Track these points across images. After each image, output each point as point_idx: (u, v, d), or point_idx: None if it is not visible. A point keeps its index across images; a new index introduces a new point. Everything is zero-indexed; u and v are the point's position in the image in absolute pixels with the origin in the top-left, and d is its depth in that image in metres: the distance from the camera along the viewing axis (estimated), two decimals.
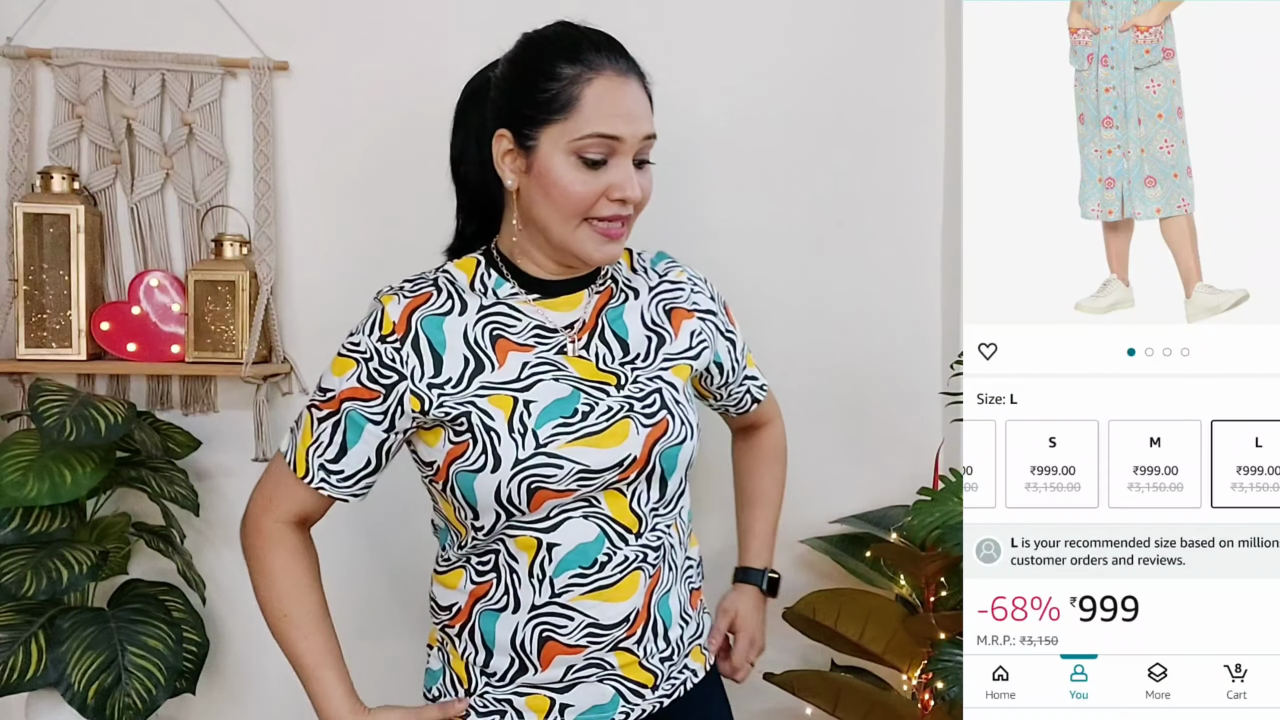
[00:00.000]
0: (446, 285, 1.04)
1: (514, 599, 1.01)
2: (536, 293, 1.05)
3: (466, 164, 1.09)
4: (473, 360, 1.00)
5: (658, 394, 1.03)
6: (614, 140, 0.96)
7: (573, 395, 1.00)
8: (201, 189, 1.60)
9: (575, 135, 0.95)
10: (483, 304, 1.03)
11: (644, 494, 1.03)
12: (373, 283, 1.66)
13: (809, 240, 1.72)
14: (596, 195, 0.97)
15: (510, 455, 0.96)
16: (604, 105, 0.95)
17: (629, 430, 1.00)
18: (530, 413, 0.98)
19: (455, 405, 0.98)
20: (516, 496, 0.97)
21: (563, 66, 0.97)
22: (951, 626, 1.39)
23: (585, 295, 1.07)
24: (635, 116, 0.97)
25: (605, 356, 1.04)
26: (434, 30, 1.64)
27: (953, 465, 1.58)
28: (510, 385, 0.99)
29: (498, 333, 1.02)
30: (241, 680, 1.69)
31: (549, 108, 0.96)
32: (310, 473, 1.02)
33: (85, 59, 1.55)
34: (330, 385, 1.02)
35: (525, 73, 1.00)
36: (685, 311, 1.11)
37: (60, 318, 1.54)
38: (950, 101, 1.69)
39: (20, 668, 1.40)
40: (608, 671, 1.03)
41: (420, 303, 1.02)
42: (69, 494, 1.40)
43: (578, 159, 0.96)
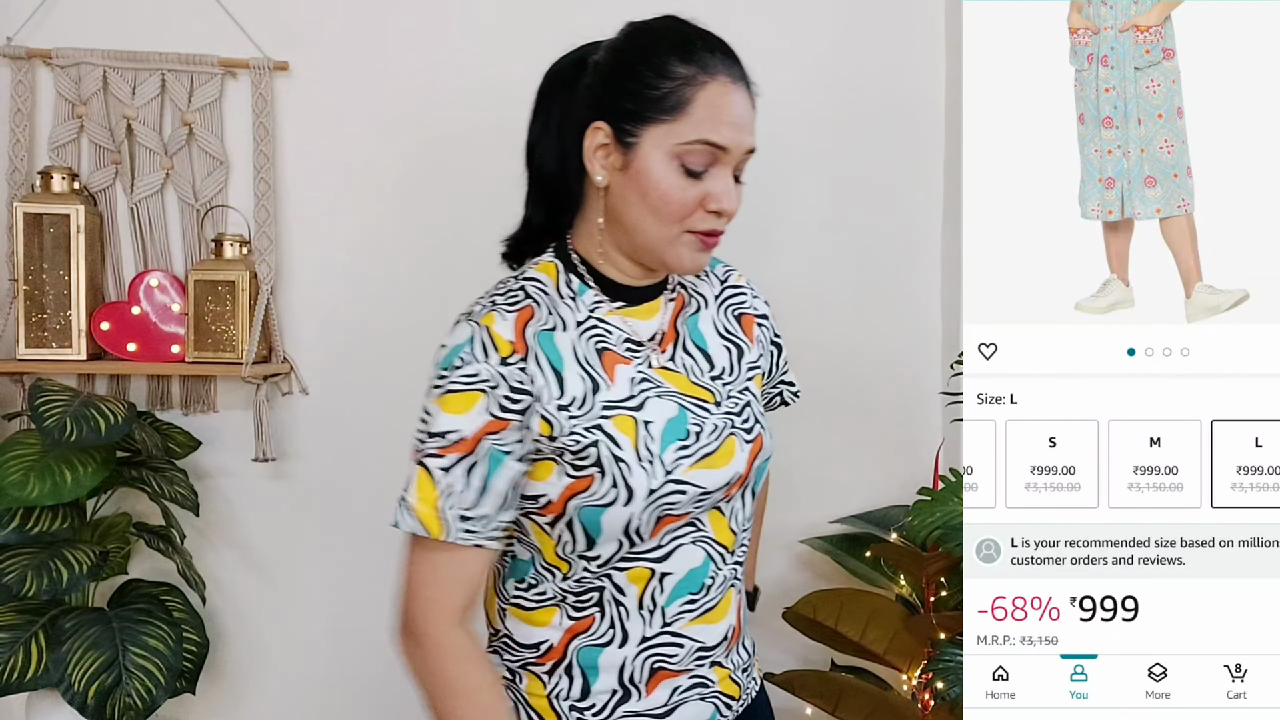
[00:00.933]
0: (540, 295, 0.95)
1: (622, 632, 0.95)
2: (620, 300, 0.98)
3: (543, 152, 1.01)
4: (588, 378, 0.92)
5: (749, 408, 1.00)
6: (719, 149, 0.91)
7: (681, 414, 0.95)
8: (201, 189, 1.60)
9: (681, 139, 0.90)
10: (578, 317, 0.95)
11: (739, 511, 1.00)
12: (373, 283, 1.68)
13: (809, 240, 1.72)
14: (694, 204, 0.92)
15: (643, 487, 0.90)
16: (714, 112, 0.90)
17: (735, 448, 0.96)
18: (653, 436, 0.92)
19: (584, 432, 0.90)
20: (644, 527, 0.92)
21: (676, 65, 0.90)
22: (951, 626, 1.39)
23: (662, 303, 1.01)
24: (742, 127, 0.93)
25: (693, 369, 0.99)
26: (434, 30, 1.64)
27: (953, 465, 1.58)
28: (627, 405, 0.93)
29: (601, 345, 0.95)
30: (241, 680, 1.69)
31: (658, 106, 0.90)
32: (450, 528, 0.88)
33: (86, 59, 1.55)
34: (450, 426, 0.88)
35: (634, 66, 0.92)
36: (752, 318, 1.08)
37: (60, 318, 1.54)
38: (950, 101, 1.69)
39: (21, 668, 1.40)
40: (709, 689, 1.01)
41: (528, 317, 0.92)
42: (70, 494, 1.40)
43: (679, 164, 0.90)
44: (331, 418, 1.67)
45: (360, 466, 1.67)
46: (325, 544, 1.69)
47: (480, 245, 1.69)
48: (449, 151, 1.67)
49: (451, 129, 1.66)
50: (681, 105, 0.90)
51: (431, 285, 1.66)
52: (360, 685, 1.71)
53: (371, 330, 1.67)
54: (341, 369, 1.67)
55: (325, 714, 1.71)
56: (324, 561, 1.69)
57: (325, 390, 1.67)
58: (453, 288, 1.66)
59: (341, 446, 1.67)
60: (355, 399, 1.67)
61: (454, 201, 1.67)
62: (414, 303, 1.66)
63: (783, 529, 1.56)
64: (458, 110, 1.66)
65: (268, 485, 1.67)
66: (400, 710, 1.71)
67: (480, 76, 1.65)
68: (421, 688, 0.92)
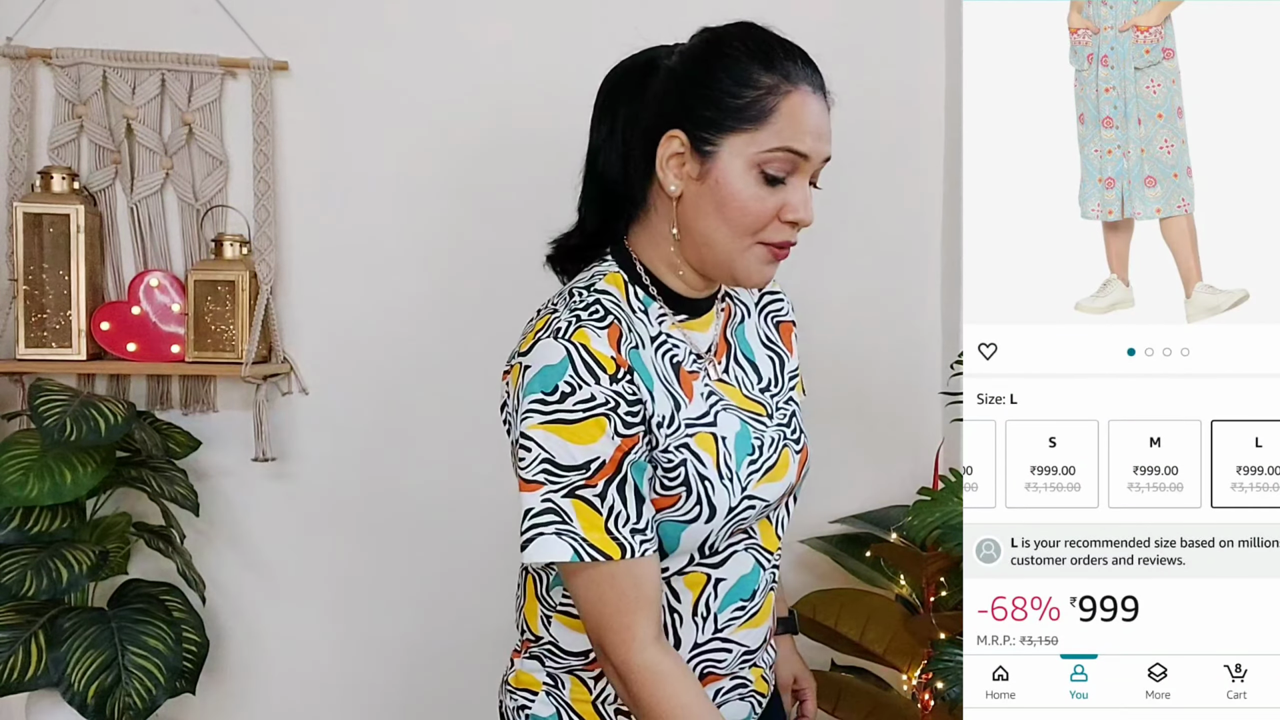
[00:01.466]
0: (616, 310, 0.91)
1: (674, 638, 0.95)
2: (683, 312, 0.97)
3: (607, 157, 0.97)
4: (670, 397, 0.91)
5: (794, 418, 1.03)
6: (800, 158, 0.90)
7: (744, 429, 0.95)
8: (201, 189, 1.61)
9: (763, 147, 0.88)
10: (651, 332, 0.94)
11: (784, 519, 1.03)
12: (373, 283, 1.68)
13: (809, 240, 1.71)
14: (771, 214, 0.90)
15: (724, 504, 0.91)
16: (797, 120, 0.89)
17: (789, 460, 0.99)
18: (730, 452, 0.92)
19: (674, 451, 0.90)
20: (720, 541, 0.93)
21: (760, 74, 0.89)
22: (951, 626, 1.39)
23: (715, 313, 1.01)
24: (823, 136, 0.92)
25: (744, 382, 1.00)
26: (433, 30, 1.64)
27: (953, 465, 1.57)
28: (704, 421, 0.93)
29: (675, 361, 0.94)
30: (241, 680, 1.69)
31: (740, 115, 0.89)
32: (629, 546, 0.86)
33: (85, 59, 1.55)
34: (589, 456, 0.85)
35: (714, 73, 0.90)
36: (790, 325, 1.09)
37: (60, 318, 1.54)
38: (950, 101, 1.69)
39: (20, 668, 1.40)
40: (747, 689, 1.02)
41: (619, 334, 0.89)
42: (69, 494, 1.40)
43: (759, 173, 0.89)
44: (331, 418, 1.67)
45: (360, 466, 1.67)
46: (325, 544, 1.69)
47: (480, 245, 1.70)
48: (449, 151, 1.67)
49: (451, 129, 1.66)
50: (766, 114, 0.88)
51: (432, 285, 1.66)
52: (360, 685, 1.71)
53: (371, 330, 1.67)
54: (341, 369, 1.67)
55: (325, 714, 1.71)
56: (324, 561, 1.69)
57: (325, 390, 1.67)
58: (453, 287, 1.67)
59: (341, 446, 1.67)
60: (355, 399, 1.67)
61: (454, 201, 1.67)
62: (414, 303, 1.66)
63: None
64: (458, 110, 1.66)
65: (268, 485, 1.67)
66: (400, 710, 1.72)
67: (480, 76, 1.65)
68: (639, 715, 0.91)
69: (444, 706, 1.70)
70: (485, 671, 1.54)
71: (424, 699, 1.71)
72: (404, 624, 1.70)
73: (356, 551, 1.69)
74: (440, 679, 1.69)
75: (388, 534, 1.69)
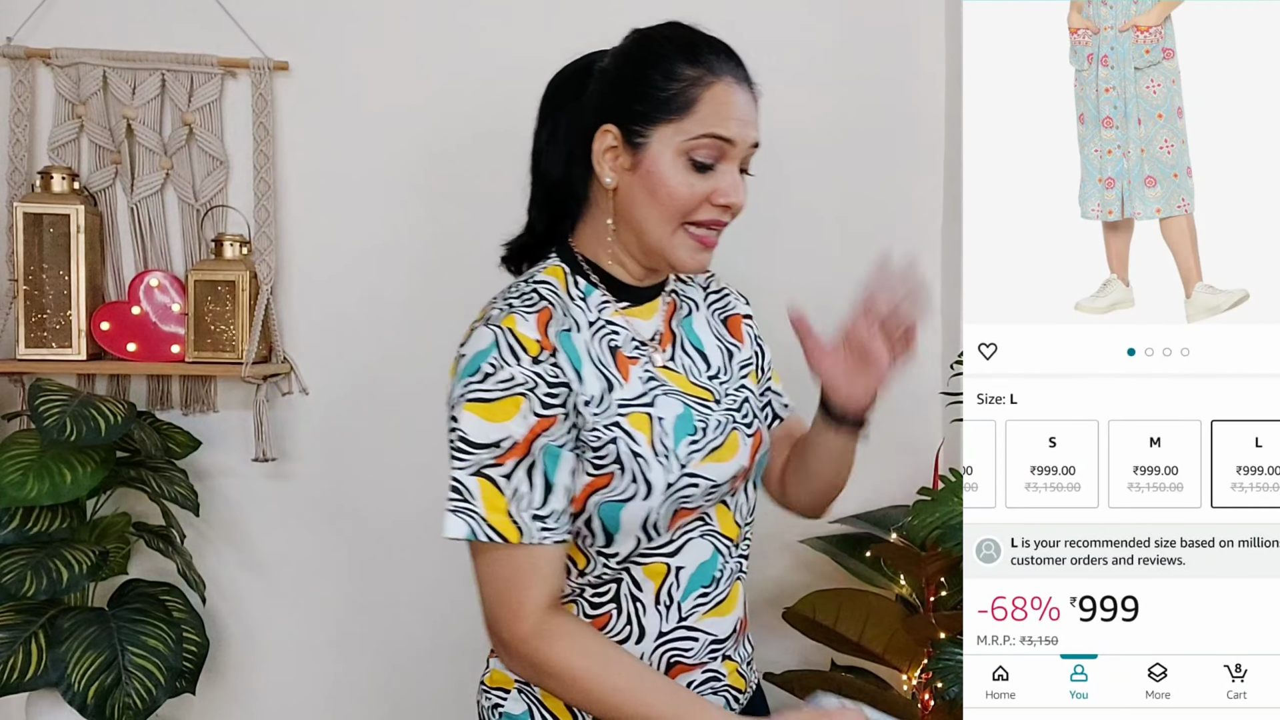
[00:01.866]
0: (553, 296, 0.96)
1: (639, 628, 0.97)
2: (626, 300, 1.01)
3: (549, 159, 1.03)
4: (604, 378, 0.95)
5: (746, 404, 1.05)
6: (726, 143, 0.95)
7: (687, 411, 0.98)
8: (201, 189, 1.61)
9: (689, 135, 0.93)
10: (589, 318, 0.98)
11: (743, 505, 1.04)
12: (373, 283, 1.68)
13: (809, 240, 1.72)
14: (701, 198, 0.95)
15: (661, 481, 0.93)
16: (720, 108, 0.94)
17: (739, 442, 1.01)
18: (666, 431, 0.95)
19: (603, 429, 0.92)
20: (661, 521, 0.95)
21: (684, 67, 0.95)
22: (951, 626, 1.39)
23: (659, 304, 1.05)
24: (748, 122, 0.97)
25: (691, 369, 1.03)
26: (433, 30, 1.64)
27: (953, 465, 1.57)
28: (640, 402, 0.96)
29: (613, 345, 0.98)
30: (241, 680, 1.69)
31: (667, 106, 0.94)
32: (528, 531, 0.88)
33: (85, 59, 1.55)
34: (502, 434, 0.88)
35: (642, 70, 0.96)
36: (738, 318, 1.13)
37: (60, 318, 1.54)
38: (950, 101, 1.69)
39: (20, 668, 1.40)
40: (721, 682, 1.03)
41: (548, 318, 0.94)
42: (69, 494, 1.40)
43: (688, 160, 0.94)
44: (331, 418, 1.67)
45: (360, 466, 1.67)
46: (325, 544, 1.69)
47: (480, 245, 1.69)
48: (449, 151, 1.67)
49: (451, 129, 1.66)
50: (690, 104, 0.94)
51: (431, 285, 1.66)
52: (360, 685, 1.71)
53: (371, 330, 1.67)
54: (341, 369, 1.67)
55: (325, 714, 1.71)
56: (324, 561, 1.69)
57: (325, 390, 1.67)
58: (453, 287, 1.66)
59: (341, 446, 1.67)
60: (355, 399, 1.67)
61: (454, 201, 1.67)
62: (414, 303, 1.66)
63: (783, 529, 1.56)
64: (458, 110, 1.66)
65: (268, 485, 1.67)
66: (400, 709, 1.72)
67: (480, 77, 1.65)
68: (553, 691, 0.91)
69: (444, 706, 1.70)
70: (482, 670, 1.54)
71: (424, 699, 1.71)
72: (403, 624, 1.70)
73: (356, 551, 1.69)
74: (440, 679, 1.69)
75: (387, 534, 1.69)
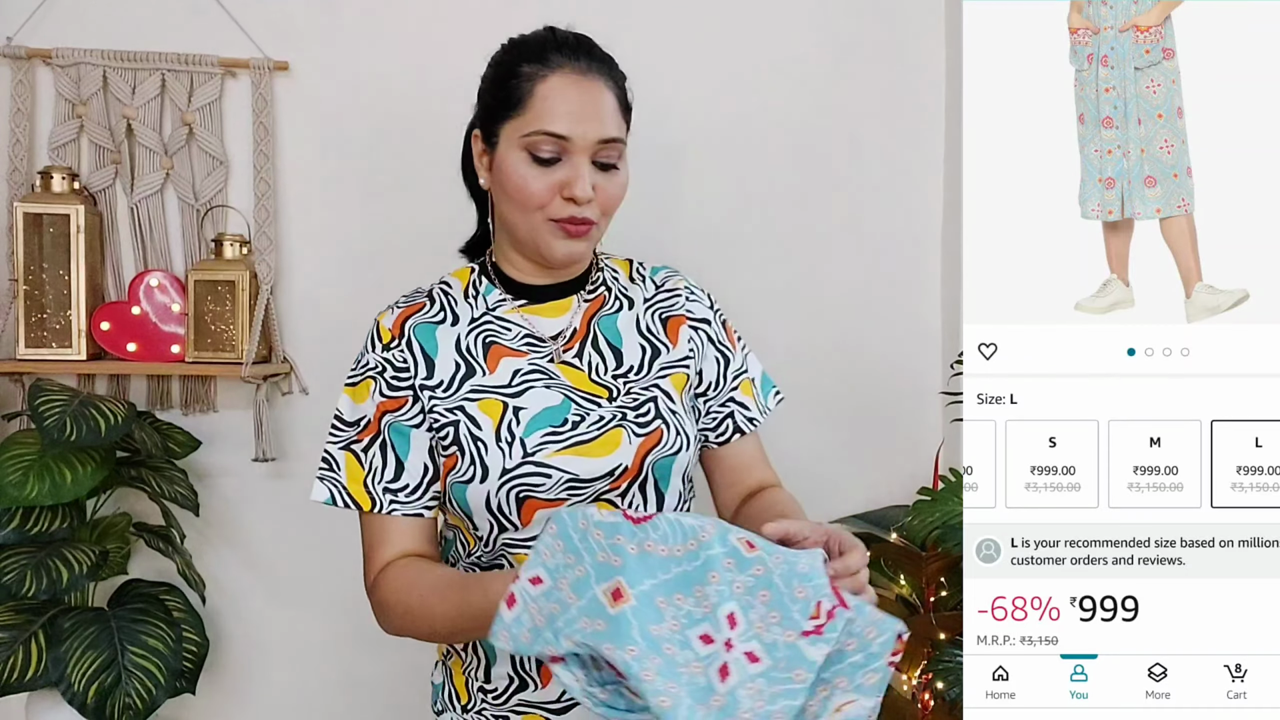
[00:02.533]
0: (440, 296, 1.05)
1: None
2: (524, 299, 1.05)
3: (466, 166, 1.11)
4: (463, 365, 1.00)
5: (652, 403, 1.01)
6: (560, 139, 0.95)
7: (564, 404, 0.98)
8: (201, 189, 1.61)
9: (524, 131, 0.96)
10: (474, 314, 1.04)
11: (639, 506, 1.01)
12: (373, 283, 1.68)
13: (809, 240, 1.72)
14: (549, 192, 0.96)
15: (498, 465, 0.95)
16: (551, 103, 0.95)
17: (620, 439, 0.98)
18: (519, 420, 0.97)
19: (444, 412, 0.98)
20: (506, 507, 0.96)
21: (522, 65, 0.98)
22: (951, 626, 1.39)
23: (575, 302, 1.06)
24: (586, 117, 0.96)
25: (598, 366, 1.02)
26: (433, 30, 1.64)
27: (953, 465, 1.58)
28: (501, 390, 0.99)
29: (491, 339, 1.02)
30: (241, 680, 1.69)
31: (506, 104, 0.98)
32: (378, 502, 0.99)
33: (85, 59, 1.55)
34: (360, 414, 1.01)
35: (496, 73, 1.01)
36: (680, 318, 1.08)
37: (60, 318, 1.54)
38: (950, 101, 1.69)
39: (20, 668, 1.40)
40: None
41: (413, 311, 1.03)
42: (69, 494, 1.40)
43: (529, 155, 0.96)
44: (331, 418, 1.67)
45: None
46: (325, 544, 1.69)
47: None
48: (449, 151, 1.66)
49: (451, 129, 1.66)
50: (523, 99, 0.97)
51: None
52: (360, 685, 1.71)
53: None
54: (341, 369, 1.66)
55: (325, 714, 1.71)
56: (323, 561, 1.69)
57: (325, 390, 1.66)
58: None
59: None
60: None
61: (454, 201, 1.67)
62: None
63: None
64: (458, 110, 1.66)
65: (268, 485, 1.67)
66: (400, 709, 1.72)
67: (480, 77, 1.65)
68: (397, 628, 0.98)
69: None
70: None
71: (423, 698, 1.71)
72: None
73: (356, 551, 1.69)
74: None
75: None
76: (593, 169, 0.97)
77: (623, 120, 1.01)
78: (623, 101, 1.01)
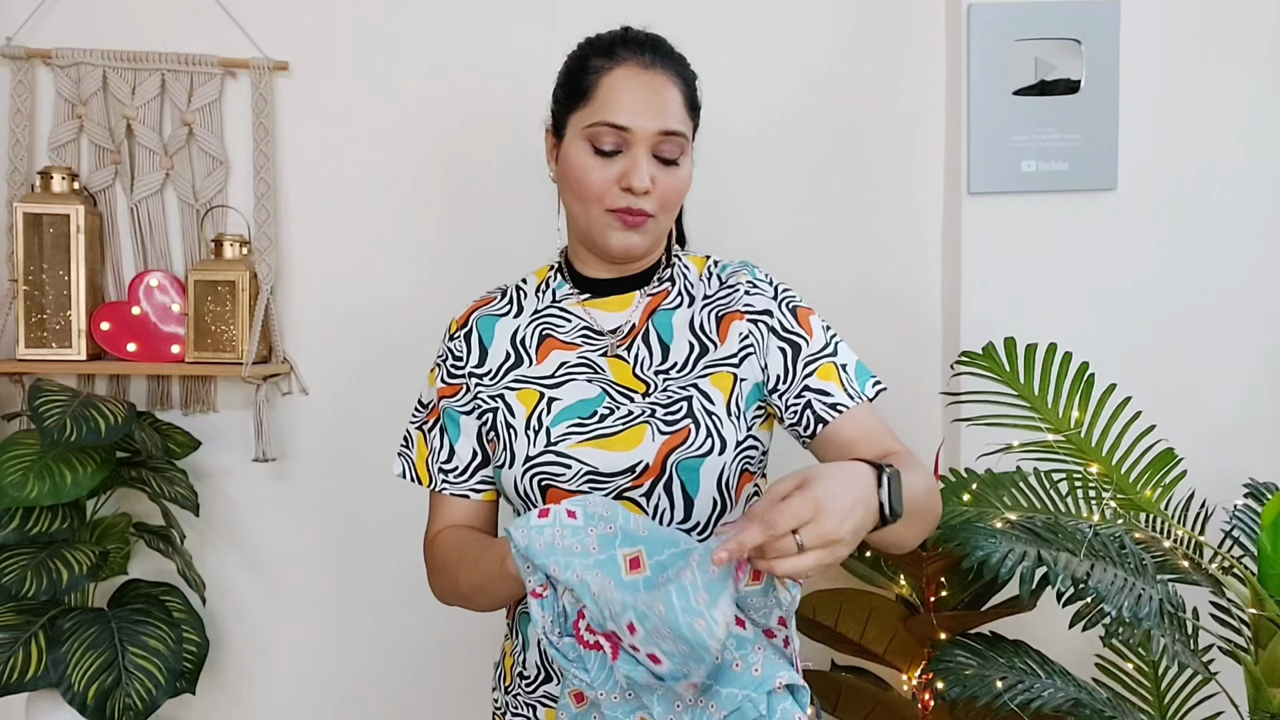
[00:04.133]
0: (513, 291, 1.10)
1: None
2: (588, 293, 1.07)
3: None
4: (514, 355, 1.05)
5: (686, 402, 0.98)
6: (622, 130, 0.97)
7: (598, 397, 0.99)
8: (201, 189, 1.61)
9: (588, 122, 0.98)
10: (538, 306, 1.08)
11: (666, 510, 0.97)
12: (373, 282, 1.68)
13: (809, 240, 1.72)
14: (608, 183, 0.98)
15: (523, 452, 0.98)
16: (615, 95, 0.97)
17: (644, 436, 0.96)
18: (550, 410, 0.99)
19: (488, 399, 1.03)
20: (531, 493, 0.98)
21: (591, 59, 1.00)
22: (952, 626, 1.39)
23: (637, 297, 1.06)
24: (647, 109, 0.97)
25: (644, 360, 1.02)
26: (433, 30, 1.65)
27: (952, 465, 1.58)
28: (541, 380, 1.02)
29: (547, 332, 1.05)
30: (241, 680, 1.69)
31: (572, 95, 1.00)
32: (434, 479, 1.07)
33: (85, 59, 1.55)
34: (427, 398, 1.09)
35: (568, 67, 1.04)
36: (736, 314, 1.03)
37: (60, 318, 1.54)
38: (950, 101, 1.69)
39: (20, 668, 1.40)
40: None
41: (484, 304, 1.10)
42: (69, 494, 1.40)
43: (591, 146, 0.98)
44: (331, 418, 1.67)
45: (360, 466, 1.67)
46: (325, 544, 1.69)
47: (480, 244, 1.70)
48: (449, 151, 1.67)
49: (452, 129, 1.66)
50: (589, 91, 0.99)
51: (431, 284, 1.66)
52: (360, 685, 1.71)
53: (371, 330, 1.67)
54: (341, 369, 1.67)
55: (325, 714, 1.71)
56: (323, 561, 1.69)
57: (325, 390, 1.67)
58: (452, 287, 1.66)
59: (341, 446, 1.67)
60: (355, 399, 1.67)
61: (454, 201, 1.67)
62: (414, 302, 1.66)
63: None
64: (458, 110, 1.66)
65: (268, 485, 1.67)
66: (400, 709, 1.72)
67: (481, 77, 1.65)
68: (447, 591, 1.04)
69: (443, 706, 1.70)
70: (483, 670, 1.54)
71: (423, 698, 1.71)
72: (403, 624, 1.70)
73: (356, 551, 1.69)
74: (439, 678, 1.69)
75: (387, 534, 1.69)
76: (653, 163, 0.98)
77: (688, 117, 1.02)
78: (690, 99, 1.02)
